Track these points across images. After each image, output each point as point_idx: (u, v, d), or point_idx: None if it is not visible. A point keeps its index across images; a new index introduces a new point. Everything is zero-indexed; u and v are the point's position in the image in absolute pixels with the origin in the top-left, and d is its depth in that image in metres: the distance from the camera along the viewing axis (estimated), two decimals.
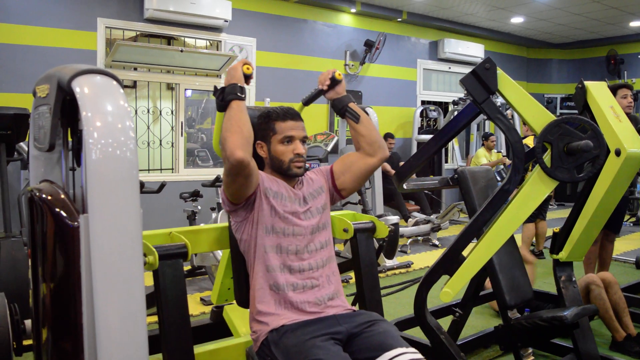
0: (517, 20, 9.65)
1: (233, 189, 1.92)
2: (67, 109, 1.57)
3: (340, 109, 2.15)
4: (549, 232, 3.25)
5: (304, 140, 2.07)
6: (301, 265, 2.00)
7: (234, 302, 2.31)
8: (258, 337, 1.97)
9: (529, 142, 6.65)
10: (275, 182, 2.05)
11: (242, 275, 2.16)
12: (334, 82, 2.14)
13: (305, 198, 2.09)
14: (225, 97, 1.88)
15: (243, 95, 1.89)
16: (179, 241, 2.01)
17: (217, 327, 2.58)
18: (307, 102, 2.27)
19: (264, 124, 2.07)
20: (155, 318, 2.00)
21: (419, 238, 7.11)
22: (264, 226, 1.98)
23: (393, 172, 6.59)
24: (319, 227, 2.08)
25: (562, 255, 2.85)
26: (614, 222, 4.31)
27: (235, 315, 2.49)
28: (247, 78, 1.96)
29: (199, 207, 5.18)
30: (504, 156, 7.99)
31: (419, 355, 1.82)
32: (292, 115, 2.06)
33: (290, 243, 2.00)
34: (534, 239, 6.23)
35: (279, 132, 2.03)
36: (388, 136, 7.78)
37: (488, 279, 3.08)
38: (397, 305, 4.41)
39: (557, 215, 8.51)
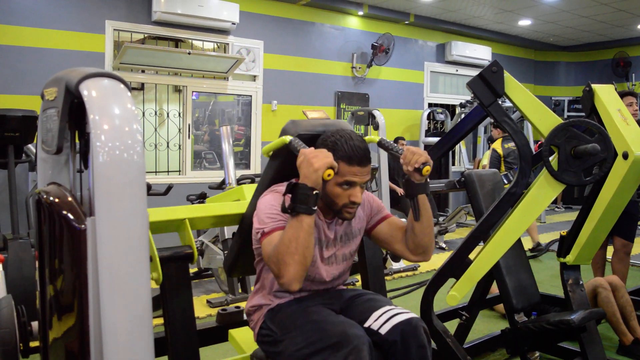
0: (524, 22, 9.62)
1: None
2: (74, 112, 1.57)
3: (410, 194, 1.88)
4: (556, 235, 3.23)
5: (365, 184, 1.86)
6: (312, 287, 1.98)
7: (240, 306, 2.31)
8: (256, 323, 1.98)
9: (497, 146, 6.67)
10: None
11: (241, 254, 2.20)
12: (418, 172, 1.83)
13: (336, 239, 1.96)
14: (297, 206, 1.65)
15: (315, 208, 1.67)
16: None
17: (223, 330, 2.58)
18: (381, 146, 1.99)
19: None
20: (161, 320, 2.01)
21: None
22: None
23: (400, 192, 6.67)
24: (340, 275, 2.02)
25: (570, 259, 2.84)
26: (629, 230, 4.19)
27: (241, 339, 2.47)
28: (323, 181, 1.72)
29: None
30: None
31: (406, 310, 1.85)
32: (360, 159, 1.80)
33: (307, 285, 1.95)
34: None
35: (340, 175, 1.79)
36: (399, 139, 7.78)
37: (494, 283, 3.08)
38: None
39: (565, 218, 8.46)
